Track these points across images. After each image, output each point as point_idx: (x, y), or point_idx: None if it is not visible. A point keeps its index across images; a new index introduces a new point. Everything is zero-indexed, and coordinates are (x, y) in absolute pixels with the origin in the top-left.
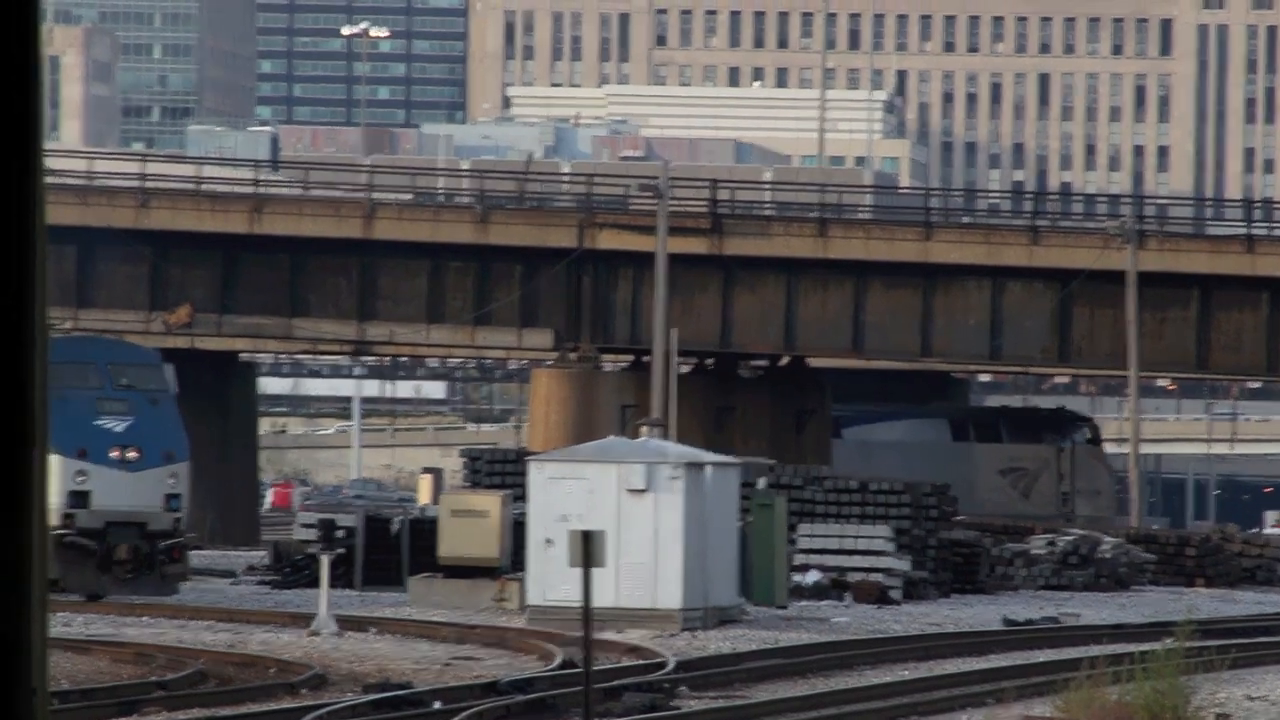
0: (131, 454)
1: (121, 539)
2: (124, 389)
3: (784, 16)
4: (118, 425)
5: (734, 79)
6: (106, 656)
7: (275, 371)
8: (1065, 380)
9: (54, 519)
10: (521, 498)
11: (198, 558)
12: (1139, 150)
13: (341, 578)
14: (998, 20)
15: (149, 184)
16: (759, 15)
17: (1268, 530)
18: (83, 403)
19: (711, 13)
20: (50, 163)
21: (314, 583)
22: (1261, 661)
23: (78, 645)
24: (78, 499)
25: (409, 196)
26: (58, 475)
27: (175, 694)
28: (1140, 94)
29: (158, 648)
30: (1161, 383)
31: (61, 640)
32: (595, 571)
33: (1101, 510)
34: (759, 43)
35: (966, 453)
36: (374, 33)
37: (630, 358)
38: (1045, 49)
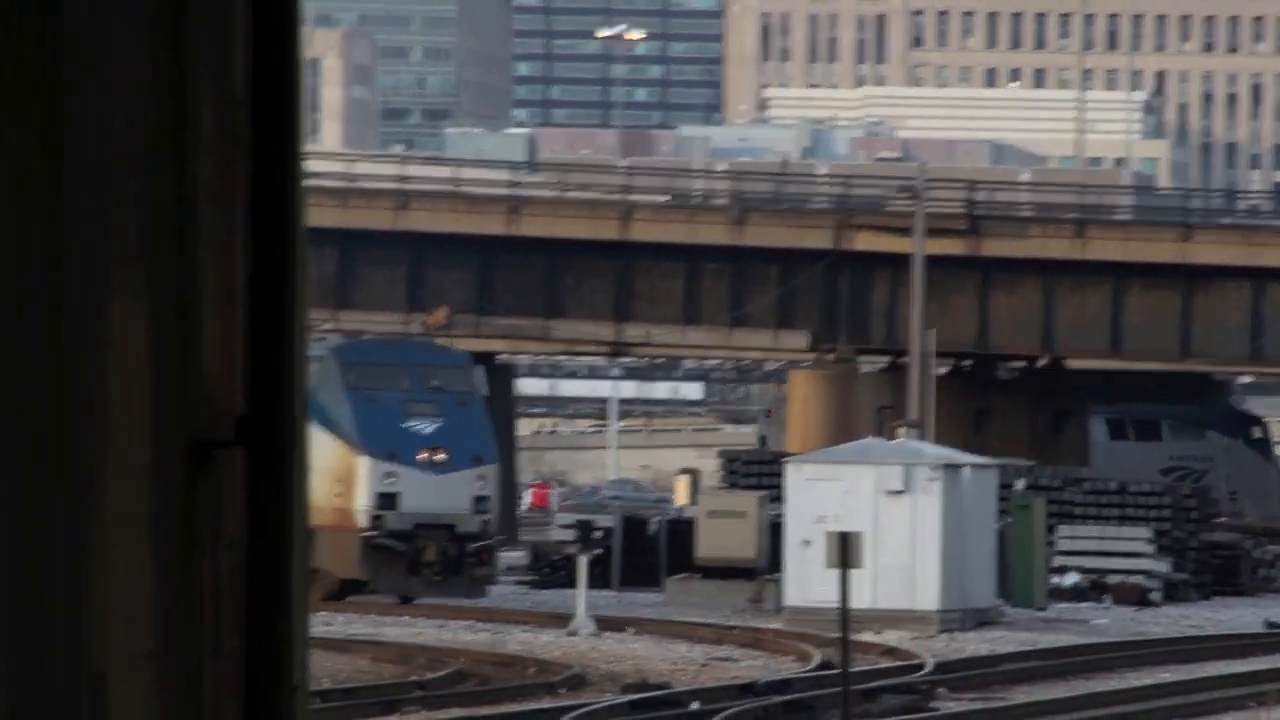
0: (440, 456)
1: (430, 541)
2: (433, 391)
3: (1041, 17)
4: (426, 427)
5: (991, 80)
6: (368, 655)
7: (533, 373)
8: None
9: (363, 521)
10: (778, 499)
11: None
12: None
13: (599, 578)
14: (1258, 20)
15: (408, 186)
16: (1016, 16)
17: None
18: (392, 405)
19: (968, 13)
20: (311, 165)
21: (572, 583)
22: None
23: (339, 644)
24: (386, 501)
25: (665, 198)
26: (366, 477)
27: (435, 693)
28: None
29: (418, 647)
30: None
31: (323, 639)
32: (853, 572)
33: (1271, 510)
34: (1016, 43)
35: (1125, 452)
36: (630, 35)
37: (887, 359)
38: None
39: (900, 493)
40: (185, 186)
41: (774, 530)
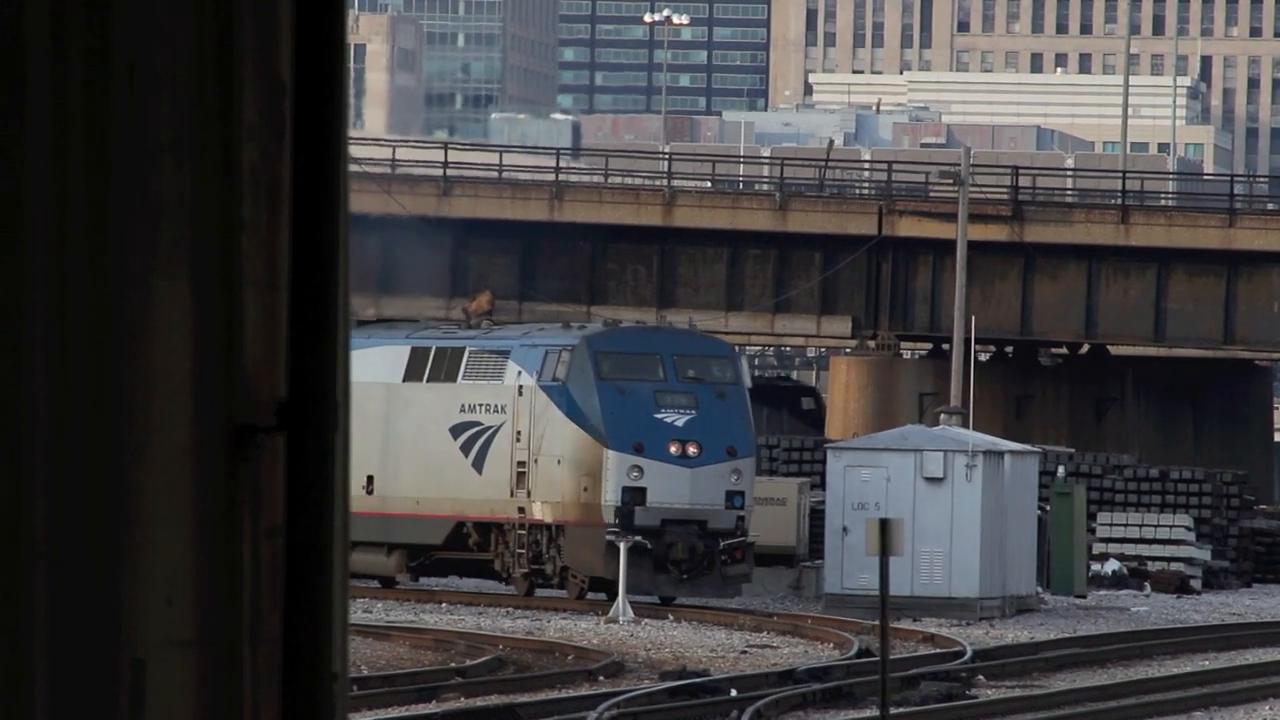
0: (691, 449)
1: (678, 538)
2: (689, 381)
3: (1087, 2)
4: (679, 419)
5: (1036, 65)
6: (406, 643)
7: None
8: None
9: (609, 516)
10: (819, 485)
11: None
12: None
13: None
14: None
15: (451, 172)
16: (1062, 1)
17: None
18: (643, 396)
19: None
20: (354, 151)
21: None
22: None
23: (378, 631)
24: (634, 496)
25: (708, 184)
26: (613, 471)
27: (474, 680)
28: None
29: (457, 634)
30: None
31: (362, 626)
32: (892, 560)
33: None
34: (1062, 28)
35: None
36: (676, 20)
37: (929, 345)
38: None
39: (940, 480)
40: (230, 172)
41: (814, 516)
